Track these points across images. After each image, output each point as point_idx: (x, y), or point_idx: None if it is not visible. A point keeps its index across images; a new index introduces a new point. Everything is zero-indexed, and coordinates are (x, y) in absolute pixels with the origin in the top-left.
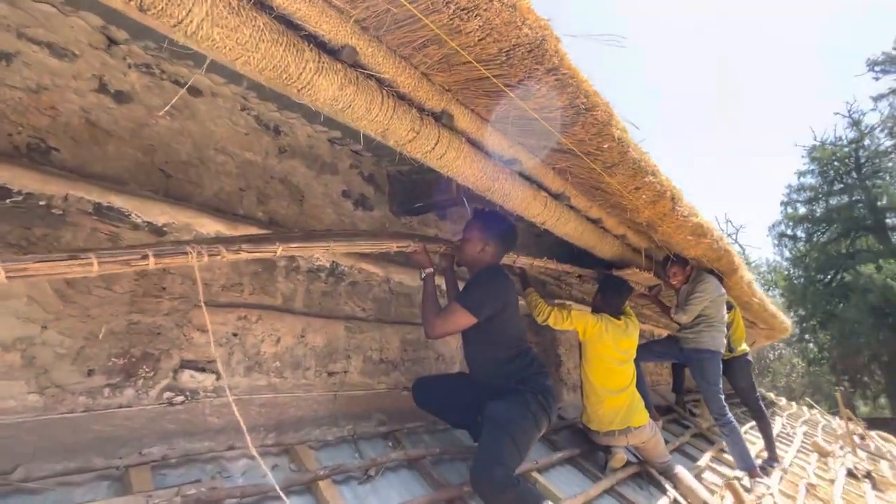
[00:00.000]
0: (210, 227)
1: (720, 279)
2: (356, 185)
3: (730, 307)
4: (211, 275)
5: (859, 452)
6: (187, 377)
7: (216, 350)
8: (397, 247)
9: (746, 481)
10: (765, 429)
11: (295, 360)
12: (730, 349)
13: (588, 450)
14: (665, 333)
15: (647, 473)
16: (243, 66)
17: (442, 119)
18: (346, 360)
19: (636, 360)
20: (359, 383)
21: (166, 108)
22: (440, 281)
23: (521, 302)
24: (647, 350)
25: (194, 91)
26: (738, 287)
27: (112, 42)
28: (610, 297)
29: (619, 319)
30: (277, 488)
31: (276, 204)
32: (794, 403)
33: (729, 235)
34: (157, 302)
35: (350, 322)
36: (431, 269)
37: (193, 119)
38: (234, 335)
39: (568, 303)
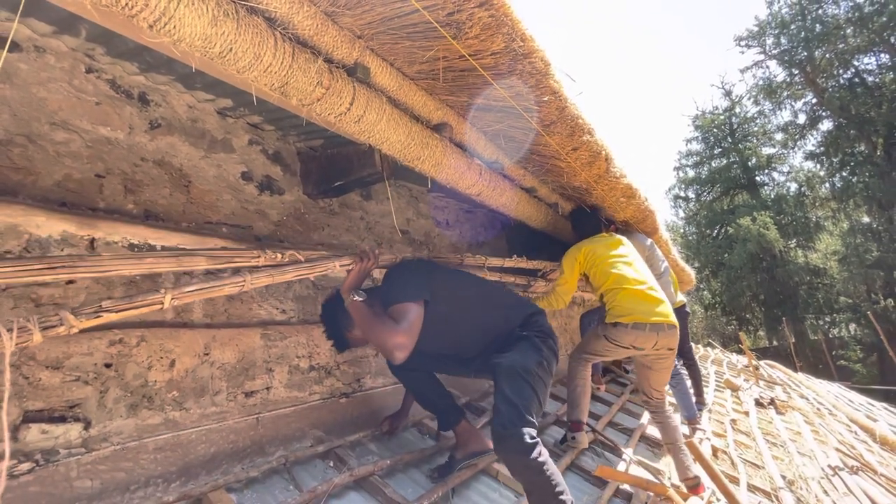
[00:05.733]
0: (51, 227)
1: None
2: (259, 166)
3: None
4: (61, 292)
5: (760, 383)
6: (37, 434)
7: (82, 390)
8: (341, 266)
9: (686, 429)
10: (695, 376)
11: (199, 384)
12: None
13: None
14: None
15: (600, 442)
16: None
17: (356, 73)
18: (268, 374)
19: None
20: (286, 399)
21: None
22: None
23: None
24: None
25: (8, 45)
26: (658, 244)
27: None
28: (576, 228)
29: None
30: None
31: (154, 192)
32: (700, 347)
33: None
34: None
35: (268, 328)
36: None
37: (9, 82)
38: (108, 366)
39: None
